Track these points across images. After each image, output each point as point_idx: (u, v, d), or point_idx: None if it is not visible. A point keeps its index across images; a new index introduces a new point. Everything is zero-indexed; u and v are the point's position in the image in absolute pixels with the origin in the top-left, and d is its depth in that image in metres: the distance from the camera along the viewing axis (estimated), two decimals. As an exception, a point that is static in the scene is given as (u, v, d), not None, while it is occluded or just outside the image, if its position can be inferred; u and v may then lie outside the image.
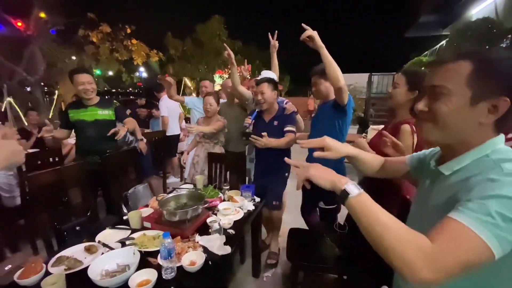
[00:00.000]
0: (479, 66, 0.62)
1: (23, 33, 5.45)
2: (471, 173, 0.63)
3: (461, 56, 0.65)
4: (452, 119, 0.66)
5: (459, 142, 0.68)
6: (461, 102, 0.64)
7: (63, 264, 1.18)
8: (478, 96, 0.62)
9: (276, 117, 2.24)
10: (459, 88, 0.63)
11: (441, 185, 0.72)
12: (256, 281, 2.11)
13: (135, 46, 7.90)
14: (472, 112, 0.63)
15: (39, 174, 1.76)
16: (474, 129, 0.65)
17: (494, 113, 0.62)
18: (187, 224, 1.46)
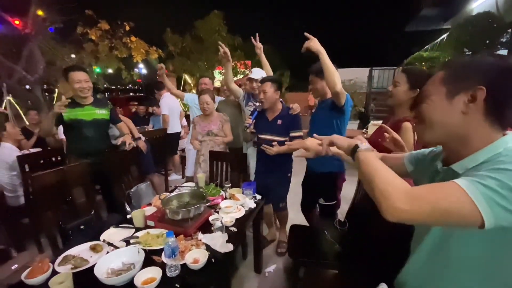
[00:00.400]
0: (451, 68, 0.73)
1: (21, 31, 5.42)
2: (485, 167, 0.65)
3: (440, 68, 0.76)
4: (435, 115, 0.73)
5: (455, 138, 0.72)
6: (439, 98, 0.72)
7: (69, 263, 1.21)
8: (453, 90, 0.69)
9: (280, 116, 2.24)
10: (436, 88, 0.73)
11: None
12: (258, 276, 2.14)
13: (134, 44, 7.85)
14: (451, 105, 0.69)
15: (42, 174, 1.78)
16: (460, 120, 0.69)
17: (473, 101, 0.66)
18: (190, 222, 1.48)
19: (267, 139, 2.24)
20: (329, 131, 1.92)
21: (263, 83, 2.17)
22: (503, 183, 0.54)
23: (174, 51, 11.15)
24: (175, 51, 11.19)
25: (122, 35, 7.68)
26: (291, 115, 2.23)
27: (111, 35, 7.54)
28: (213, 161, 2.44)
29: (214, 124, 2.54)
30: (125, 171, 2.43)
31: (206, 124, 2.56)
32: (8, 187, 2.47)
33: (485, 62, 0.68)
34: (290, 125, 2.21)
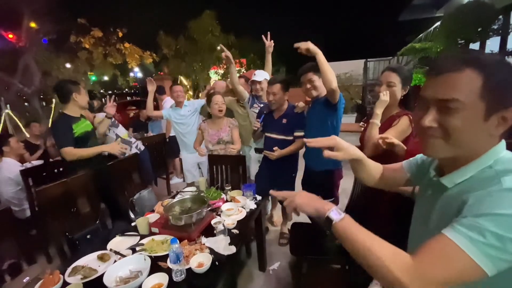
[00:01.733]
0: (491, 76, 0.58)
1: (15, 44, 5.45)
2: (473, 186, 0.61)
3: (466, 64, 0.59)
4: (466, 135, 0.61)
5: (465, 154, 0.65)
6: (475, 117, 0.59)
7: (79, 273, 1.25)
8: (491, 109, 0.59)
9: (285, 115, 2.28)
10: (473, 102, 0.58)
11: (443, 199, 0.69)
12: (263, 274, 2.20)
13: (128, 50, 7.89)
14: (485, 126, 0.60)
15: (47, 187, 1.82)
16: (484, 142, 0.62)
17: (503, 124, 0.60)
18: (193, 227, 1.53)
19: (272, 138, 2.29)
20: (324, 129, 1.97)
21: (273, 84, 2.18)
22: (499, 235, 0.51)
23: (168, 53, 11.15)
24: (170, 53, 11.19)
25: (116, 41, 7.71)
26: (296, 113, 2.26)
27: (105, 42, 7.57)
28: (213, 165, 2.48)
29: (223, 131, 2.50)
30: (128, 178, 2.48)
31: (216, 132, 2.50)
32: (14, 201, 2.52)
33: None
34: (295, 124, 2.24)
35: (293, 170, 2.38)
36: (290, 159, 2.32)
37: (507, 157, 0.62)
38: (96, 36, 7.20)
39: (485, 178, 0.60)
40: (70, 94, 2.18)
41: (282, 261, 2.32)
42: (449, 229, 0.56)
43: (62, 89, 2.18)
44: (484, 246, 0.51)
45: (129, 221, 1.79)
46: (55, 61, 6.73)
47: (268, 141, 2.34)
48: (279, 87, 2.17)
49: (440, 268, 0.54)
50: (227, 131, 2.50)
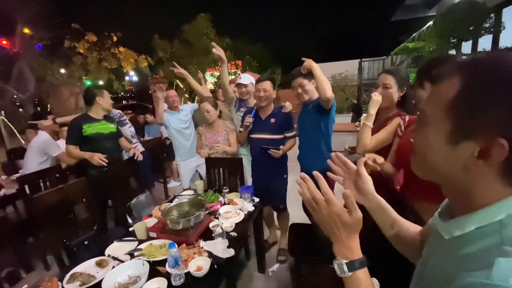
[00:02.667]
0: (468, 86, 0.42)
1: (9, 51, 5.42)
2: (470, 250, 0.45)
3: (455, 70, 0.45)
4: (428, 157, 0.50)
5: (455, 188, 0.50)
6: (436, 137, 0.47)
7: (77, 280, 1.25)
8: (460, 132, 0.44)
9: (273, 114, 2.29)
10: (436, 117, 0.46)
11: (440, 250, 0.54)
12: (263, 276, 2.20)
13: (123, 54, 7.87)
14: (452, 152, 0.45)
15: (43, 194, 1.82)
16: (461, 175, 0.46)
17: (486, 158, 0.42)
18: (191, 231, 1.53)
19: (261, 139, 2.29)
20: (317, 132, 2.01)
21: (262, 81, 2.20)
22: None
23: (163, 57, 11.12)
24: (165, 57, 11.17)
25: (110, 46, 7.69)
26: (284, 113, 2.29)
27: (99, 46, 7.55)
28: (210, 168, 2.48)
29: (220, 135, 2.50)
30: (125, 183, 2.48)
31: (212, 135, 2.50)
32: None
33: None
34: (284, 125, 2.27)
35: (284, 171, 2.40)
36: (281, 161, 2.35)
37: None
38: (90, 41, 7.17)
39: (486, 243, 0.43)
40: (94, 97, 2.42)
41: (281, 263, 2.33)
42: None
43: (88, 93, 2.48)
44: None
45: (126, 226, 1.79)
46: (50, 66, 6.70)
47: (255, 142, 2.33)
48: (269, 84, 2.20)
49: None
50: (223, 135, 2.51)
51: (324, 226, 0.62)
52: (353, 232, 0.60)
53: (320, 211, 0.61)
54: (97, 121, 2.45)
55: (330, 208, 0.60)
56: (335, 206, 0.60)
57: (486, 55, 0.44)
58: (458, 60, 0.46)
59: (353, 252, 0.58)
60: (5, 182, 2.86)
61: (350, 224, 0.58)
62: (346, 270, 0.57)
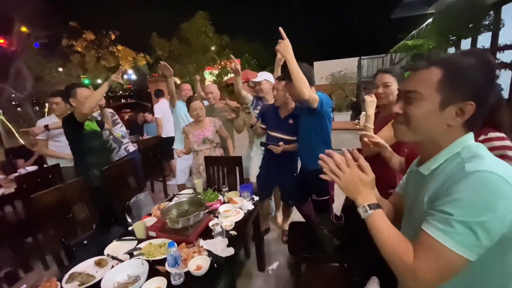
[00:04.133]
0: (449, 73, 0.67)
1: (6, 50, 5.38)
2: (445, 172, 0.69)
3: (432, 63, 0.70)
4: (423, 122, 0.71)
5: (430, 141, 0.74)
6: (431, 107, 0.69)
7: (76, 280, 1.24)
8: (446, 101, 0.67)
9: (292, 115, 2.25)
10: (430, 94, 0.68)
11: (423, 187, 0.76)
12: (262, 274, 2.20)
13: (121, 52, 7.83)
14: (441, 115, 0.68)
15: (42, 194, 1.80)
16: (443, 131, 0.70)
17: (461, 115, 0.67)
18: (190, 230, 1.53)
19: (276, 137, 2.27)
20: (312, 131, 1.98)
21: (280, 81, 2.18)
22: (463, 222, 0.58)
23: (162, 55, 11.09)
24: (163, 55, 11.13)
25: (108, 44, 7.65)
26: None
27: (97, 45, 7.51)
28: (209, 166, 2.47)
29: (208, 130, 2.52)
30: (123, 182, 2.47)
31: (200, 132, 2.52)
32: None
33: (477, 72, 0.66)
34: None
35: (293, 170, 2.38)
36: (291, 159, 2.33)
37: (474, 145, 0.69)
38: (88, 39, 7.14)
39: (454, 165, 0.68)
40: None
41: (281, 261, 2.33)
42: (426, 224, 0.65)
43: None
44: (457, 235, 0.58)
45: (126, 225, 1.78)
46: (47, 65, 6.66)
47: (271, 139, 2.31)
48: (283, 84, 2.15)
49: (433, 267, 0.61)
50: (211, 130, 2.52)
51: (349, 187, 0.78)
52: (369, 187, 0.78)
53: (345, 175, 0.78)
54: (91, 120, 2.43)
55: (352, 170, 0.77)
56: (355, 168, 0.78)
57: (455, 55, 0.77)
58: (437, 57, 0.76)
59: (371, 200, 0.76)
60: (3, 182, 2.84)
61: (368, 181, 0.77)
62: (368, 209, 0.74)
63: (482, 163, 0.62)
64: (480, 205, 0.57)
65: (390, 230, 0.71)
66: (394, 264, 0.67)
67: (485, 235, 0.57)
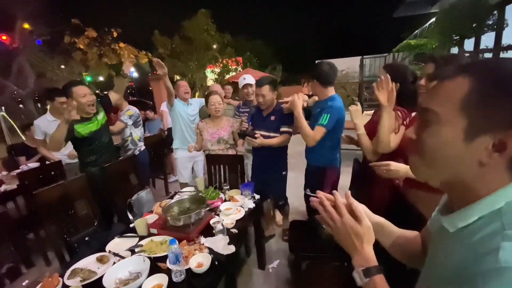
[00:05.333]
0: (481, 86, 0.45)
1: (8, 46, 5.39)
2: (475, 242, 0.46)
3: (461, 70, 0.48)
4: (441, 155, 0.50)
5: (459, 183, 0.51)
6: (452, 134, 0.47)
7: (78, 276, 1.25)
8: (476, 128, 0.45)
9: (274, 112, 2.29)
10: (450, 115, 0.47)
11: (447, 244, 0.54)
12: (263, 272, 2.21)
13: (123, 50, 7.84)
14: (468, 148, 0.46)
15: (44, 190, 1.81)
16: (474, 170, 0.47)
17: (501, 151, 0.43)
18: (192, 227, 1.53)
19: (262, 135, 2.27)
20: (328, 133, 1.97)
21: (261, 86, 2.18)
22: None
23: (164, 53, 11.07)
24: (165, 53, 11.11)
25: (110, 41, 7.65)
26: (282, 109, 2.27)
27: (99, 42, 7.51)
28: (211, 165, 2.47)
29: (224, 130, 2.45)
30: (125, 179, 2.47)
31: (216, 130, 2.44)
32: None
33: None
34: (282, 120, 2.25)
35: (282, 168, 2.39)
36: (279, 157, 2.35)
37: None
38: (90, 37, 7.12)
39: (488, 234, 0.45)
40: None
41: (281, 259, 2.34)
42: None
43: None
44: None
45: (127, 222, 1.79)
46: (50, 62, 6.68)
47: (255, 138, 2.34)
48: (267, 88, 2.18)
49: None
50: (228, 131, 2.46)
51: (342, 240, 0.64)
52: (365, 241, 0.62)
53: (335, 225, 0.64)
54: (89, 120, 2.25)
55: (343, 220, 0.63)
56: (346, 217, 0.63)
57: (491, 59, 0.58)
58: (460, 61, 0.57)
59: (368, 260, 0.61)
60: (5, 178, 2.85)
61: (362, 233, 0.62)
62: (363, 277, 0.59)
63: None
64: None
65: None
66: None
67: None
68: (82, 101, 2.13)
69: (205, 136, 2.45)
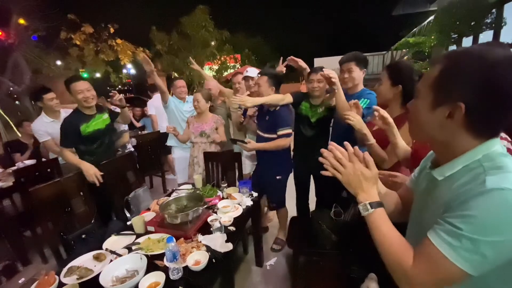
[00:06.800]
0: (445, 69, 0.62)
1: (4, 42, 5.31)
2: (461, 181, 0.62)
3: (440, 58, 0.65)
4: (420, 121, 0.68)
5: (439, 144, 0.69)
6: (424, 104, 0.66)
7: (74, 274, 1.25)
8: (437, 100, 0.63)
9: (268, 112, 2.24)
10: (425, 91, 0.66)
11: (435, 191, 0.71)
12: (260, 269, 2.21)
13: (120, 46, 7.76)
14: (432, 115, 0.64)
15: (40, 188, 1.80)
16: (439, 131, 0.65)
17: (451, 117, 0.61)
18: (189, 225, 1.53)
19: (260, 136, 2.29)
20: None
21: (261, 75, 2.18)
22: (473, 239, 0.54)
23: (161, 49, 11.00)
24: (163, 49, 11.05)
25: (107, 37, 7.57)
26: (277, 111, 2.17)
27: (96, 38, 7.43)
28: (208, 162, 2.47)
29: (207, 125, 2.52)
30: (122, 177, 2.46)
31: (199, 125, 2.53)
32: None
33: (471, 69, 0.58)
34: (277, 122, 2.15)
35: (276, 172, 2.27)
36: (275, 161, 2.23)
37: (497, 152, 0.61)
38: (87, 32, 7.05)
39: (473, 175, 0.60)
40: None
41: (279, 257, 2.34)
42: (432, 233, 0.61)
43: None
44: (462, 251, 0.55)
45: (124, 220, 1.78)
46: (46, 58, 6.60)
47: (257, 139, 2.31)
48: (265, 79, 2.15)
49: (431, 276, 0.60)
50: (210, 126, 2.52)
51: (351, 182, 0.76)
52: (371, 183, 0.76)
53: (346, 170, 0.76)
54: (92, 117, 2.26)
55: (354, 165, 0.75)
56: (358, 163, 0.76)
57: (462, 49, 0.64)
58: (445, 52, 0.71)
59: (373, 197, 0.74)
60: (1, 175, 2.83)
61: (370, 177, 0.75)
62: (369, 208, 0.72)
63: (506, 179, 0.55)
64: (494, 225, 0.53)
65: (390, 231, 0.70)
66: (391, 266, 0.67)
67: (494, 255, 0.54)
68: (78, 97, 2.16)
69: (190, 128, 2.57)
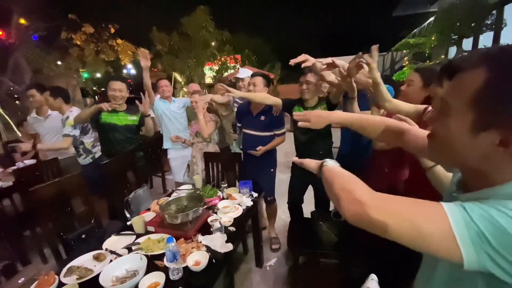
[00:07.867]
0: (494, 78, 0.43)
1: (4, 42, 5.32)
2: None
3: (483, 60, 0.46)
4: (449, 144, 0.51)
5: (470, 169, 0.53)
6: (459, 127, 0.48)
7: (74, 274, 1.24)
8: (481, 123, 0.45)
9: (263, 112, 2.29)
10: (460, 108, 0.47)
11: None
12: (260, 270, 2.21)
13: (120, 46, 7.77)
14: (473, 142, 0.47)
15: (40, 187, 1.79)
16: (479, 160, 0.49)
17: (506, 147, 0.44)
18: (189, 225, 1.52)
19: (252, 134, 2.32)
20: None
21: (253, 76, 2.25)
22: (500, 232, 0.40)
23: (162, 49, 10.99)
24: (163, 49, 11.04)
25: (108, 38, 7.58)
26: (272, 112, 2.28)
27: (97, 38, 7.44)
28: (208, 162, 2.47)
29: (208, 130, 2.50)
30: (123, 177, 2.46)
31: (196, 126, 2.56)
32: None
33: None
34: (274, 122, 2.28)
35: (271, 165, 2.42)
36: (269, 156, 2.37)
37: None
38: (87, 32, 7.06)
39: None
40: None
41: (279, 257, 2.34)
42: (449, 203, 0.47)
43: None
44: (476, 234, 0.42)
45: (124, 220, 1.78)
46: (46, 58, 6.61)
47: (246, 137, 2.38)
48: (260, 79, 2.22)
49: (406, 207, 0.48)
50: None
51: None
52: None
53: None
54: (115, 112, 2.50)
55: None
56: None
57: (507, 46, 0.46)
58: (483, 51, 0.47)
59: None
60: (1, 175, 2.83)
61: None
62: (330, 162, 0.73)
63: None
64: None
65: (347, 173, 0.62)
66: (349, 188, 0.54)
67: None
68: (109, 94, 2.44)
69: (190, 130, 2.68)
